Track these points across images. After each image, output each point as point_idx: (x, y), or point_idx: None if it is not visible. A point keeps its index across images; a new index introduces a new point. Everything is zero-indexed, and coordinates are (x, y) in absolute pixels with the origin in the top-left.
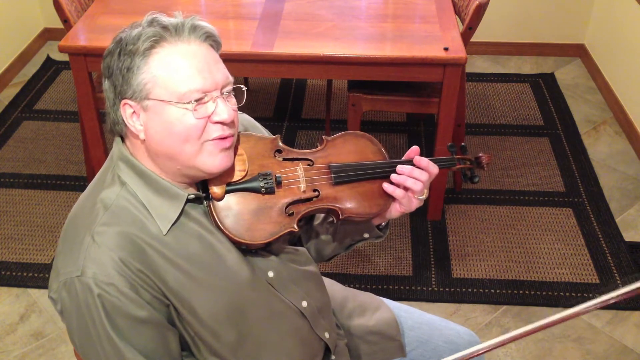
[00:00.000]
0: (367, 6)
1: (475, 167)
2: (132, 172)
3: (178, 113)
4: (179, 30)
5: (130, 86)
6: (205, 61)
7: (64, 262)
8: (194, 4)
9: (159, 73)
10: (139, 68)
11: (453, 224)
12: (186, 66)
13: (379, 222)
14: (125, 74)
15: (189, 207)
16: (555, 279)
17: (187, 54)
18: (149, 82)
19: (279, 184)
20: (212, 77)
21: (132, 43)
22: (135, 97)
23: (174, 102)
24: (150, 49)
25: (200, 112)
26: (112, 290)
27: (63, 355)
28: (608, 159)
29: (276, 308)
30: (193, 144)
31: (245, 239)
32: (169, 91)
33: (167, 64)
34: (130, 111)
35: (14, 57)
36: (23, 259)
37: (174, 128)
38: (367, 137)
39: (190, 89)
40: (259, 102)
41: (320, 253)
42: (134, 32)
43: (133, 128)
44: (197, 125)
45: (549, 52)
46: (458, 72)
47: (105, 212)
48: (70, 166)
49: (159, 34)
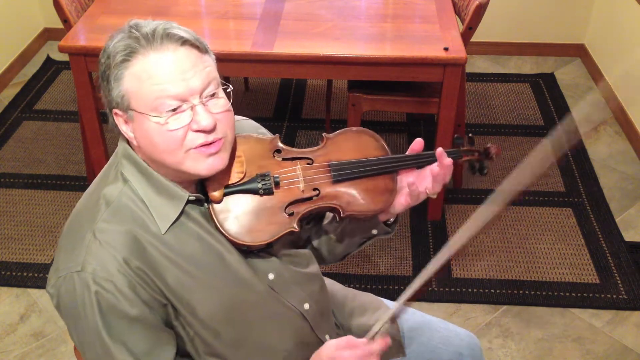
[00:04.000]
0: (367, 6)
1: (484, 159)
2: (135, 169)
3: (154, 125)
4: (150, 40)
5: (112, 97)
6: (178, 69)
7: (64, 257)
8: (194, 4)
9: (132, 85)
10: (117, 80)
11: (453, 224)
12: (156, 76)
13: (385, 218)
14: (105, 86)
15: (189, 208)
16: (555, 279)
17: (157, 64)
18: (125, 94)
19: (278, 185)
20: (186, 84)
21: (110, 55)
22: (119, 107)
23: (149, 114)
24: (124, 62)
25: (175, 123)
26: (110, 288)
27: (63, 355)
28: (608, 159)
29: (276, 310)
30: (175, 154)
31: (246, 241)
32: (143, 103)
33: (139, 77)
34: (122, 119)
35: (14, 57)
36: (23, 259)
37: (153, 139)
38: (368, 133)
39: (162, 99)
40: (259, 102)
41: (333, 253)
42: (112, 42)
43: (126, 135)
44: (174, 137)
45: (549, 52)
46: (458, 72)
47: (107, 208)
48: (70, 166)
49: (130, 47)
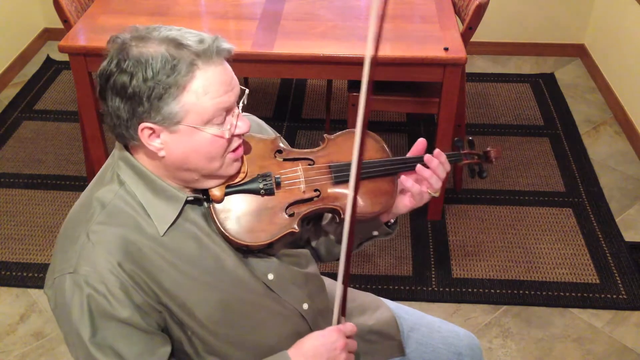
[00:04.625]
0: (367, 6)
1: (483, 162)
2: (131, 171)
3: (210, 136)
4: (208, 56)
5: (159, 113)
6: (227, 81)
7: (59, 258)
8: (194, 4)
9: (193, 100)
10: (174, 98)
11: (453, 224)
12: (212, 91)
13: (387, 219)
14: (154, 102)
15: (187, 209)
16: (555, 279)
17: (216, 78)
18: (182, 110)
19: (279, 185)
20: (234, 94)
21: (163, 72)
22: (163, 122)
23: (204, 127)
24: (186, 77)
25: (228, 132)
26: (103, 290)
27: (63, 355)
28: (608, 159)
29: (275, 309)
30: (219, 160)
31: (246, 241)
32: (200, 118)
33: (201, 92)
34: (149, 132)
35: (14, 57)
36: (23, 259)
37: (203, 149)
38: (369, 135)
39: (219, 112)
40: (259, 102)
41: (331, 252)
42: (157, 54)
43: (152, 147)
44: (224, 145)
45: (549, 52)
46: (458, 72)
47: (101, 210)
48: (70, 166)
49: (192, 63)
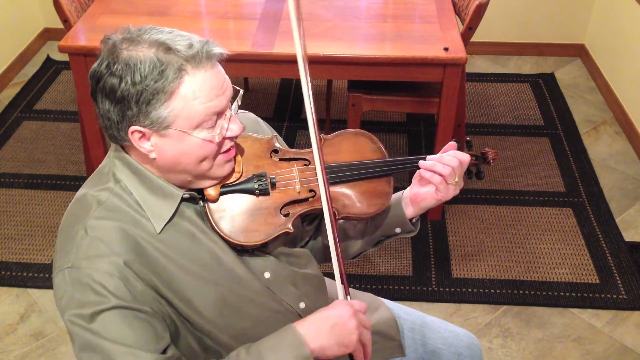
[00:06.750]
0: (367, 6)
1: (481, 163)
2: (127, 170)
3: (199, 141)
4: (197, 60)
5: (147, 117)
6: (218, 85)
7: (59, 255)
8: (194, 4)
9: (182, 106)
10: (163, 103)
11: (453, 224)
12: (207, 95)
13: (413, 214)
14: (142, 107)
15: (183, 206)
16: (555, 279)
17: (206, 83)
18: (171, 115)
19: (274, 185)
20: (225, 98)
21: (151, 77)
22: (152, 126)
23: (192, 132)
24: (174, 83)
25: (219, 136)
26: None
27: (63, 355)
28: (608, 159)
29: (273, 307)
30: (209, 161)
31: (240, 240)
32: (189, 122)
33: (190, 97)
34: (139, 135)
35: (14, 57)
36: (23, 259)
37: (193, 153)
38: (365, 135)
39: (209, 116)
40: (259, 102)
41: (347, 251)
42: (141, 65)
43: (143, 149)
44: (214, 148)
45: (549, 52)
46: (458, 72)
47: (98, 206)
48: (70, 166)
49: (181, 68)
